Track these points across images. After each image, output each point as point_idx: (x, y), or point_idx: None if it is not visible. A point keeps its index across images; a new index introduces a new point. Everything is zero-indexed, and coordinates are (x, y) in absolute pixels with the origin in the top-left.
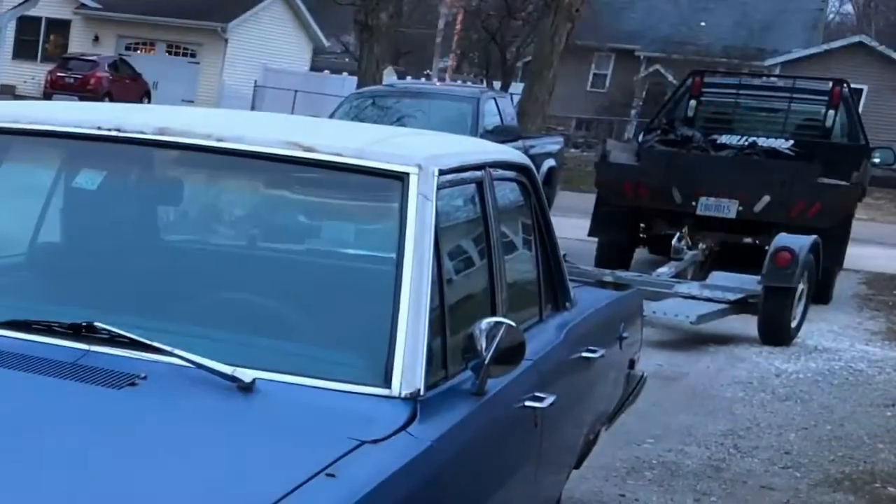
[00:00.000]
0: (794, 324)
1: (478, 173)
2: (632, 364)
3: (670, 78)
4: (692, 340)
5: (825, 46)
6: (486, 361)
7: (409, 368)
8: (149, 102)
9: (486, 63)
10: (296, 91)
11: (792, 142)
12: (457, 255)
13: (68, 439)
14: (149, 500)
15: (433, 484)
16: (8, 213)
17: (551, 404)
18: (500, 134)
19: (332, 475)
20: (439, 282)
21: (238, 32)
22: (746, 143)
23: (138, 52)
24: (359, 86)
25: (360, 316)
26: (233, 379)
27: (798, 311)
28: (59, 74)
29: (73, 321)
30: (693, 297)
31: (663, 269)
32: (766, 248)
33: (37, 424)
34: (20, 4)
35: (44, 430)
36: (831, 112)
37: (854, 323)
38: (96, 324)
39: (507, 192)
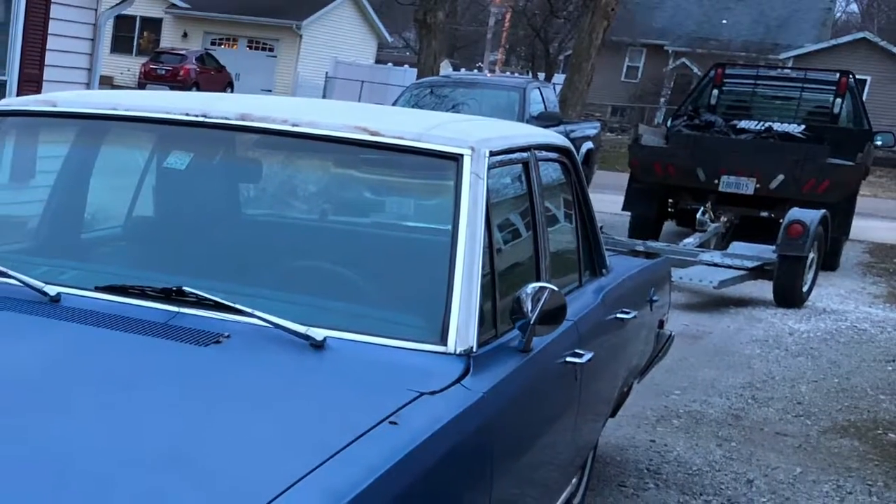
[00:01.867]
0: (805, 288)
1: (524, 154)
2: (661, 324)
3: (695, 70)
4: (714, 303)
5: (833, 41)
6: (532, 322)
7: (462, 328)
8: (231, 92)
9: (531, 56)
10: (362, 82)
11: (803, 126)
12: (505, 227)
13: (162, 391)
14: (232, 443)
15: (484, 431)
16: (107, 191)
17: (589, 360)
18: (544, 119)
19: (395, 423)
20: (490, 251)
21: (311, 29)
22: (763, 128)
23: (222, 46)
24: (418, 77)
25: (420, 281)
26: (306, 337)
27: (809, 276)
28: (151, 67)
29: (164, 286)
30: (715, 265)
31: (689, 240)
32: (781, 220)
33: (134, 378)
34: (117, 4)
35: (140, 383)
36: (838, 100)
37: (859, 287)
38: (185, 288)
39: (551, 171)
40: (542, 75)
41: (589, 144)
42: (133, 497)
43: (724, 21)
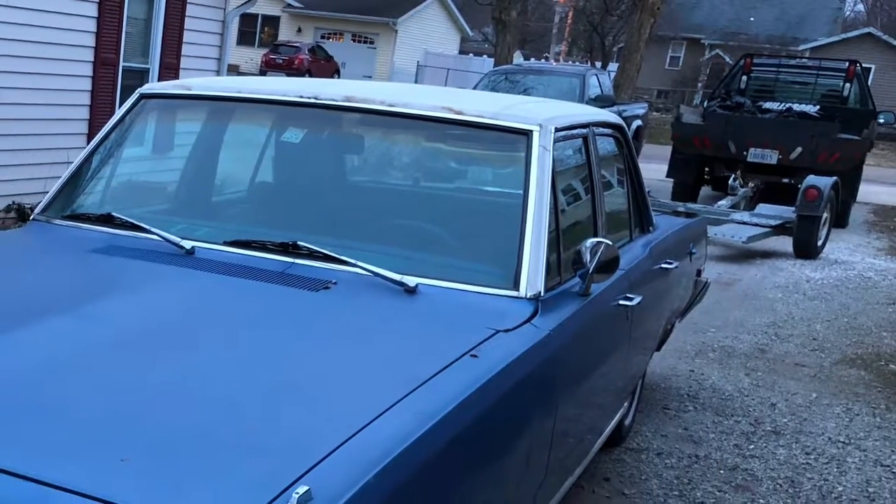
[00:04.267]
0: (819, 243)
1: (583, 130)
2: (699, 273)
3: (727, 59)
4: (743, 255)
5: (843, 36)
6: (590, 271)
7: (532, 276)
8: (338, 78)
9: (589, 48)
10: (448, 69)
11: (818, 107)
12: (568, 191)
13: (279, 330)
14: (339, 373)
15: (550, 363)
16: (233, 161)
17: (638, 303)
18: (600, 101)
19: (475, 356)
20: (555, 211)
21: (405, 25)
22: (784, 108)
23: (330, 40)
24: (495, 65)
25: (496, 236)
26: (401, 284)
27: (823, 233)
28: (271, 57)
29: (281, 241)
30: (744, 223)
31: (722, 202)
32: (799, 186)
33: (256, 318)
34: (243, 4)
35: (261, 322)
36: (847, 85)
37: (865, 242)
38: (299, 243)
39: (606, 145)
40: (598, 64)
41: (638, 122)
42: (255, 419)
43: (752, 18)
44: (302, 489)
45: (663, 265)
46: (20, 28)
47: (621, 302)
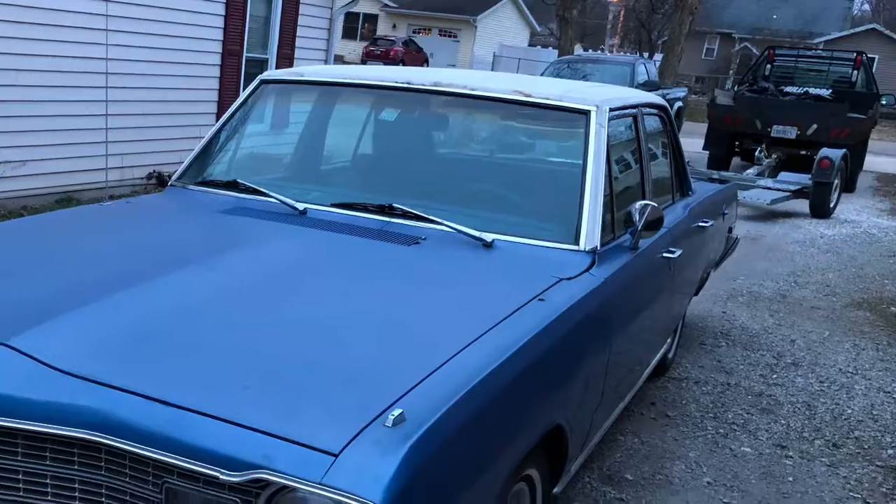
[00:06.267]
0: (832, 205)
1: (633, 110)
2: (730, 230)
3: (754, 51)
4: (768, 215)
5: (851, 31)
6: (639, 228)
7: (590, 232)
8: (427, 67)
9: (638, 41)
10: (519, 59)
11: (831, 91)
12: (620, 162)
13: (379, 278)
14: (431, 314)
15: (605, 305)
16: (339, 136)
17: (679, 255)
18: (647, 86)
19: (542, 300)
20: (609, 178)
21: (483, 22)
22: (802, 92)
23: (420, 34)
24: (559, 56)
25: (560, 199)
26: (480, 240)
27: (834, 196)
28: (370, 49)
29: (379, 203)
30: (768, 188)
31: (750, 171)
32: (815, 157)
33: (359, 268)
34: (346, 4)
35: (363, 271)
36: (855, 72)
37: (870, 204)
38: (394, 205)
39: (652, 123)
40: (645, 54)
41: (679, 103)
42: (358, 352)
43: (775, 16)
44: (397, 412)
45: (700, 223)
46: (164, 25)
47: (665, 255)
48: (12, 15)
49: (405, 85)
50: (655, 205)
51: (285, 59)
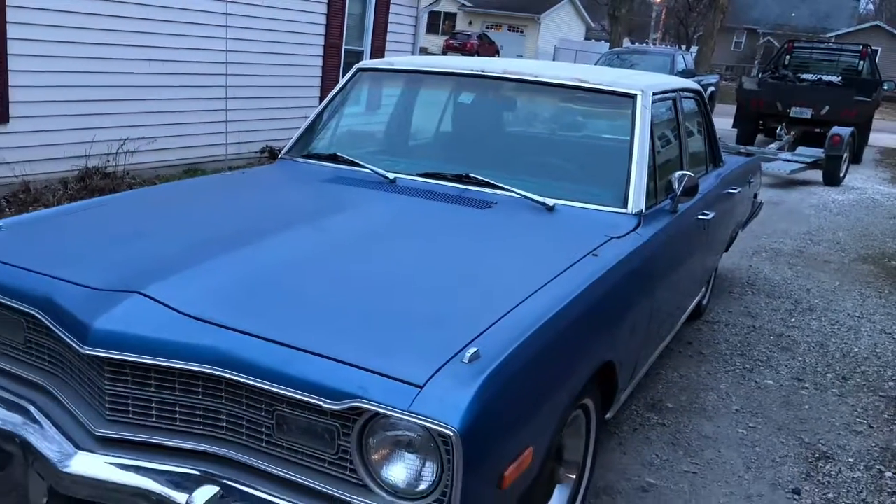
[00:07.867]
0: (841, 175)
1: (673, 94)
2: (755, 196)
3: (775, 44)
4: (787, 183)
5: (858, 27)
6: (678, 194)
7: (637, 197)
8: (498, 57)
9: (677, 36)
10: (576, 51)
11: (840, 77)
12: (662, 138)
13: (458, 237)
14: (500, 268)
15: (649, 260)
16: (425, 116)
17: (712, 217)
18: (685, 74)
19: (596, 255)
20: (652, 152)
21: (546, 19)
22: (816, 79)
23: (492, 30)
24: (610, 48)
25: (611, 169)
26: (543, 204)
27: (844, 167)
28: (450, 42)
29: (457, 173)
30: (788, 161)
31: (772, 146)
32: (827, 134)
33: (441, 228)
34: (430, 4)
35: (444, 231)
36: (861, 62)
37: (874, 174)
38: (470, 174)
39: (689, 104)
40: (683, 47)
41: (712, 88)
42: (440, 300)
43: (793, 14)
44: (472, 350)
45: (730, 190)
46: (275, 22)
47: (700, 217)
48: (150, 14)
49: (480, 72)
50: (692, 174)
51: (378, 51)
